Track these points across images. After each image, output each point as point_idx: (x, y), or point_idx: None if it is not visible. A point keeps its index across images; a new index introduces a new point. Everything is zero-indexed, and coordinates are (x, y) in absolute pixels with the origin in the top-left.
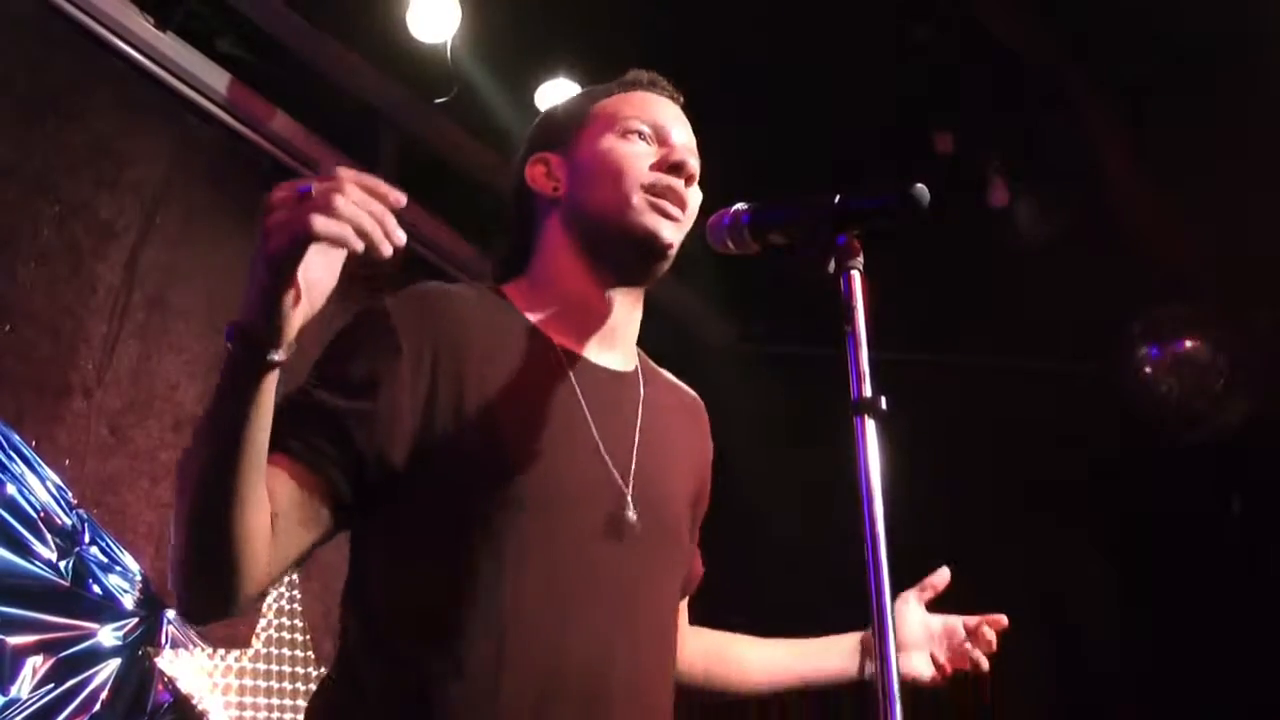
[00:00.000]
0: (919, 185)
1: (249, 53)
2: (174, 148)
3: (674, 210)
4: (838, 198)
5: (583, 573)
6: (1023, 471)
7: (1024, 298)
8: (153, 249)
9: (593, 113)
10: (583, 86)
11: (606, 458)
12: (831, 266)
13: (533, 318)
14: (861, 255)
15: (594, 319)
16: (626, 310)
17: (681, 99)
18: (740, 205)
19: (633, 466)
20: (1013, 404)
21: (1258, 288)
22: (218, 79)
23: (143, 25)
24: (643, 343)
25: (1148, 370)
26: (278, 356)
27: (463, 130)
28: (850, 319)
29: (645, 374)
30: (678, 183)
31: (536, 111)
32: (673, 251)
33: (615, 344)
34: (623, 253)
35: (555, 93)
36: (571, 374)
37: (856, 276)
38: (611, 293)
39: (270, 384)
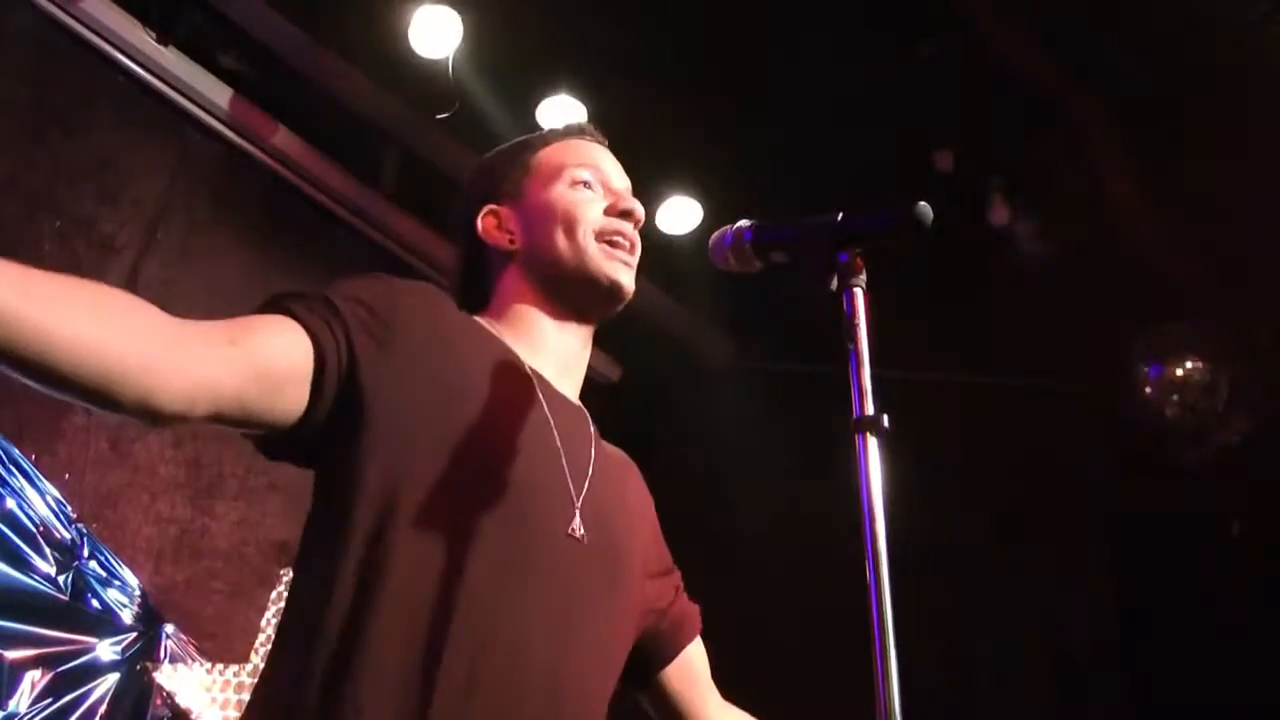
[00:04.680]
0: (921, 204)
1: (251, 68)
2: (176, 163)
3: (626, 255)
4: (840, 216)
5: (520, 561)
6: (1023, 490)
7: (1024, 316)
8: (154, 264)
9: (534, 163)
10: (584, 102)
11: (565, 467)
12: (834, 284)
13: (504, 340)
14: (864, 273)
15: (553, 350)
16: (580, 345)
17: (606, 142)
18: (743, 222)
19: (585, 487)
20: (1013, 422)
21: (1258, 306)
22: (220, 94)
23: (145, 41)
24: (644, 362)
25: (1148, 389)
26: None
27: (464, 146)
28: (852, 337)
29: (591, 419)
30: (628, 226)
31: (538, 127)
32: (628, 293)
33: (569, 375)
34: (581, 296)
35: (556, 109)
36: (540, 392)
37: (859, 294)
38: (568, 326)
39: None
